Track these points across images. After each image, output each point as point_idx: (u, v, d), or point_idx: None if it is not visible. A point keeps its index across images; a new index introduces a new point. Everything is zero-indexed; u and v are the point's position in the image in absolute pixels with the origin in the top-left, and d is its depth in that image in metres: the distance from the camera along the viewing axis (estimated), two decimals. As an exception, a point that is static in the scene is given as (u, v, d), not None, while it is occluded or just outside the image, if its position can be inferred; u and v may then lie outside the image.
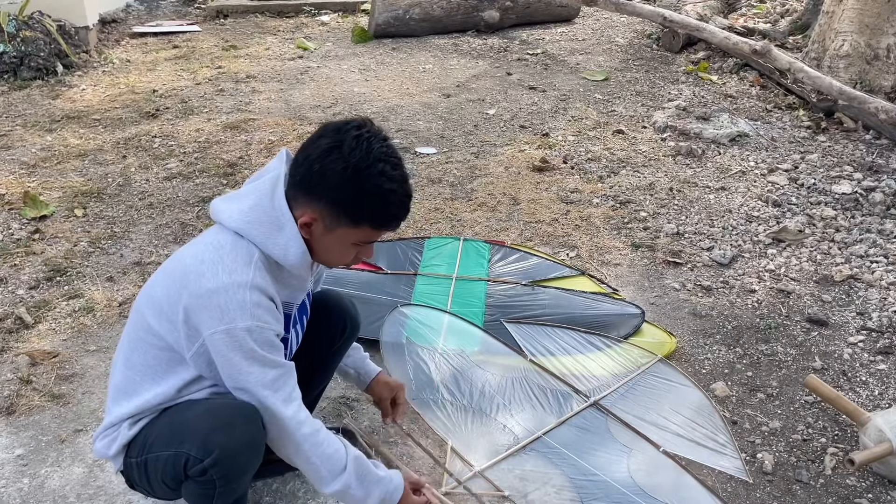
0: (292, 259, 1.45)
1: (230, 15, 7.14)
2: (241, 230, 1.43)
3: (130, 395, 1.53)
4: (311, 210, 1.44)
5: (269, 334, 1.41)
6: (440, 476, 1.96)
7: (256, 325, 1.38)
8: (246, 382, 1.42)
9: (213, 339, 1.38)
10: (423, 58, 5.85)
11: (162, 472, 1.48)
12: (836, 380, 2.41)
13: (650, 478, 1.97)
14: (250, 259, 1.41)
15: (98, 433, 1.60)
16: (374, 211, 1.44)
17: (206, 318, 1.38)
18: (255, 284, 1.39)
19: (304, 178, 1.43)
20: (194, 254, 1.45)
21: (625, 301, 2.74)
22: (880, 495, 1.97)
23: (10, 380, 2.33)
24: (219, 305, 1.37)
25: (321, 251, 1.51)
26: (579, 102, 4.89)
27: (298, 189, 1.44)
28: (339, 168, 1.39)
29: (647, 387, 2.32)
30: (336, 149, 1.39)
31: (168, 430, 1.48)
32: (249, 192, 1.48)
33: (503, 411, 2.19)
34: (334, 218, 1.44)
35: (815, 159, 3.97)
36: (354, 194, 1.40)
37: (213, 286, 1.37)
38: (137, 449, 1.53)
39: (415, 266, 2.90)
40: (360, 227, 1.45)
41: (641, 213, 3.46)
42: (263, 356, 1.40)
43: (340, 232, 1.46)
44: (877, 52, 4.69)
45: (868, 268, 3.00)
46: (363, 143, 1.40)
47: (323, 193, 1.41)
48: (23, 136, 4.23)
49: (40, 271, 2.92)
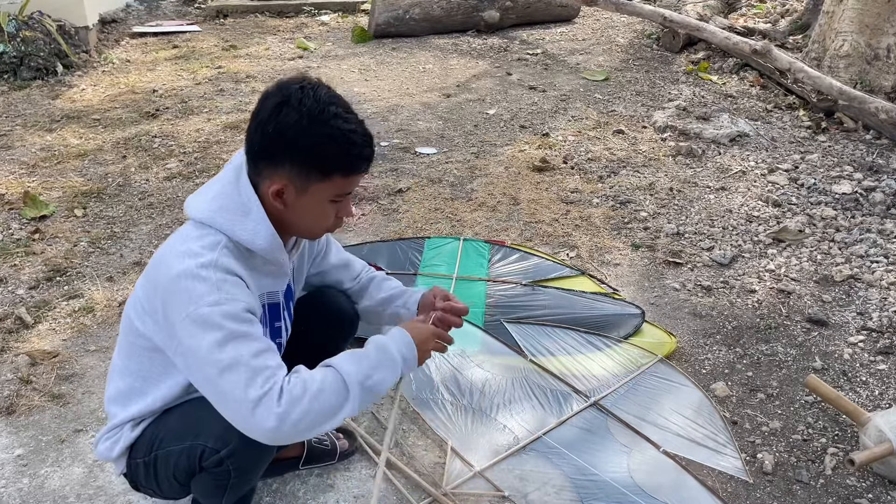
0: (261, 242, 1.42)
1: (230, 15, 7.14)
2: (206, 220, 1.41)
3: (133, 399, 1.53)
4: (277, 176, 1.39)
5: (238, 307, 1.34)
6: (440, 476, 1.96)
7: (224, 298, 1.33)
8: (219, 368, 1.29)
9: (185, 324, 1.32)
10: (423, 58, 5.84)
11: (174, 466, 1.48)
12: (837, 380, 2.41)
13: (650, 478, 1.97)
14: (216, 245, 1.38)
15: (100, 436, 1.59)
16: (341, 155, 1.39)
17: (176, 304, 1.34)
18: (220, 265, 1.35)
19: (262, 144, 1.39)
20: (164, 247, 1.45)
21: (625, 301, 2.74)
22: (880, 495, 1.97)
23: (10, 380, 2.33)
24: (184, 289, 1.33)
25: (299, 219, 1.46)
26: (579, 102, 4.89)
27: (260, 159, 1.40)
28: (293, 121, 1.35)
29: (647, 387, 2.32)
30: (284, 104, 1.36)
31: (180, 426, 1.48)
32: (214, 182, 1.47)
33: (503, 411, 2.19)
34: (303, 177, 1.39)
35: (815, 159, 3.97)
36: (316, 143, 1.36)
37: (178, 271, 1.34)
38: (144, 448, 1.52)
39: (415, 266, 2.90)
40: (332, 179, 1.41)
41: (641, 213, 3.46)
42: (234, 329, 1.32)
43: (313, 190, 1.41)
44: (877, 52, 4.69)
45: (868, 268, 3.00)
46: (309, 91, 1.37)
47: (285, 153, 1.37)
48: (23, 136, 4.23)
49: (40, 271, 2.92)
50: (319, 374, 1.38)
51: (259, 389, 1.29)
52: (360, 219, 3.38)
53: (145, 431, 1.53)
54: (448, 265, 2.90)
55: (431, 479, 1.95)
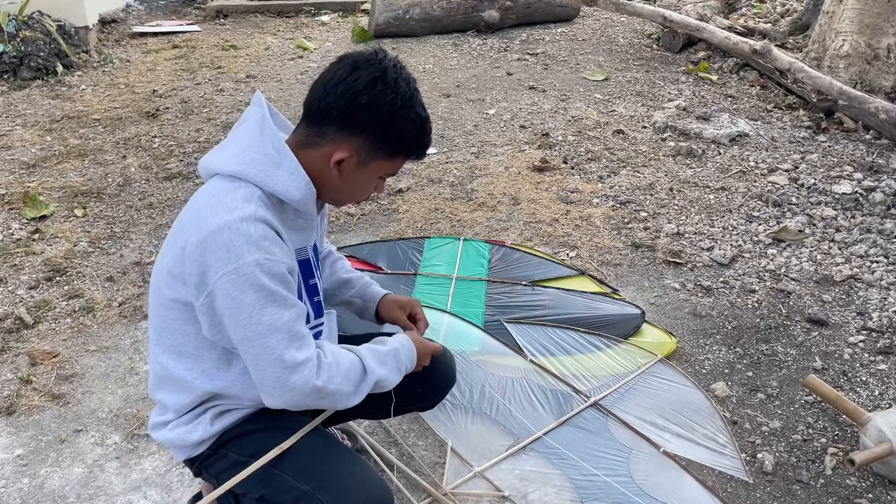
0: (295, 193, 1.36)
1: (230, 15, 7.14)
2: (237, 172, 1.35)
3: (184, 384, 1.45)
4: (346, 144, 1.37)
5: (280, 267, 1.31)
6: (440, 476, 1.96)
7: (265, 258, 1.28)
8: (258, 331, 1.29)
9: (222, 282, 1.27)
10: (423, 58, 5.84)
11: (280, 495, 1.43)
12: (837, 380, 2.41)
13: (650, 478, 1.97)
14: (251, 196, 1.33)
15: (166, 421, 1.50)
16: (415, 140, 1.42)
17: (213, 261, 1.28)
18: (259, 217, 1.30)
19: (346, 111, 1.35)
20: (192, 207, 1.37)
21: (625, 301, 2.74)
22: (880, 495, 1.97)
23: (10, 380, 2.33)
24: (224, 244, 1.27)
25: (344, 187, 1.43)
26: (579, 102, 4.89)
27: (332, 123, 1.37)
28: (388, 99, 1.35)
29: (647, 387, 2.32)
30: (380, 80, 1.35)
31: (307, 463, 1.42)
32: (238, 136, 1.41)
33: (503, 411, 2.19)
34: (372, 151, 1.39)
35: (815, 159, 3.97)
36: (401, 126, 1.38)
37: (215, 226, 1.28)
38: (246, 449, 1.46)
39: (415, 266, 2.90)
40: (396, 159, 1.43)
41: (641, 213, 3.46)
42: (276, 292, 1.29)
43: (375, 165, 1.41)
44: (877, 52, 4.69)
45: (868, 268, 3.00)
46: (402, 71, 1.39)
47: (367, 126, 1.36)
48: (23, 136, 4.23)
49: (40, 271, 2.92)
50: (347, 361, 1.40)
51: (298, 354, 1.31)
52: (360, 219, 3.38)
53: (256, 434, 1.46)
54: (448, 265, 2.90)
55: (431, 479, 1.95)
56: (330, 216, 3.32)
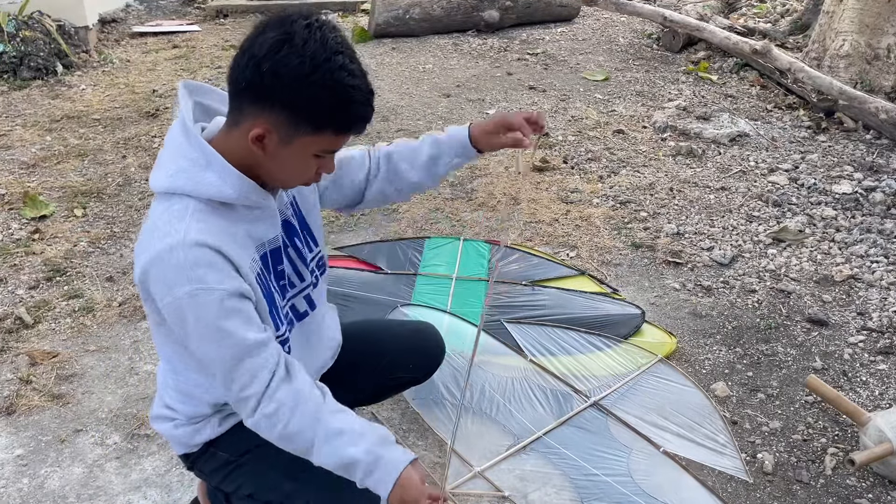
0: (230, 192, 1.26)
1: (230, 15, 7.14)
2: (168, 188, 1.27)
3: (193, 397, 1.45)
4: (262, 120, 1.22)
5: (213, 296, 1.22)
6: (440, 476, 1.96)
7: (197, 289, 1.21)
8: (202, 359, 1.28)
9: (166, 311, 1.25)
10: (423, 58, 5.84)
11: (268, 492, 1.43)
12: (837, 380, 2.41)
13: (650, 478, 1.97)
14: (185, 213, 1.24)
15: (172, 418, 1.49)
16: (338, 112, 1.23)
17: (155, 293, 1.25)
18: (189, 241, 1.22)
19: (252, 81, 1.20)
20: (141, 231, 1.32)
21: (625, 301, 2.74)
22: (881, 495, 1.97)
23: (10, 380, 2.33)
24: (158, 277, 1.23)
25: (277, 169, 1.29)
26: (579, 102, 4.89)
27: (245, 97, 1.23)
28: (294, 63, 1.17)
29: (647, 387, 2.32)
30: (286, 42, 1.18)
31: (295, 461, 1.37)
32: (167, 143, 1.32)
33: (503, 411, 2.19)
34: (291, 126, 1.23)
35: (815, 159, 3.97)
36: (314, 94, 1.20)
37: (149, 258, 1.24)
38: (236, 449, 1.46)
39: (415, 266, 2.90)
40: (322, 134, 1.25)
41: (641, 213, 3.46)
42: (213, 326, 1.23)
43: (299, 143, 1.25)
44: (877, 52, 4.69)
45: (868, 268, 3.00)
46: (316, 32, 1.19)
47: (277, 97, 1.20)
48: (23, 136, 4.23)
49: (40, 271, 2.92)
50: (307, 421, 1.29)
51: (237, 391, 1.28)
52: (360, 219, 3.38)
53: (241, 432, 1.42)
54: (448, 265, 2.90)
55: (431, 479, 1.95)
56: (330, 216, 3.32)
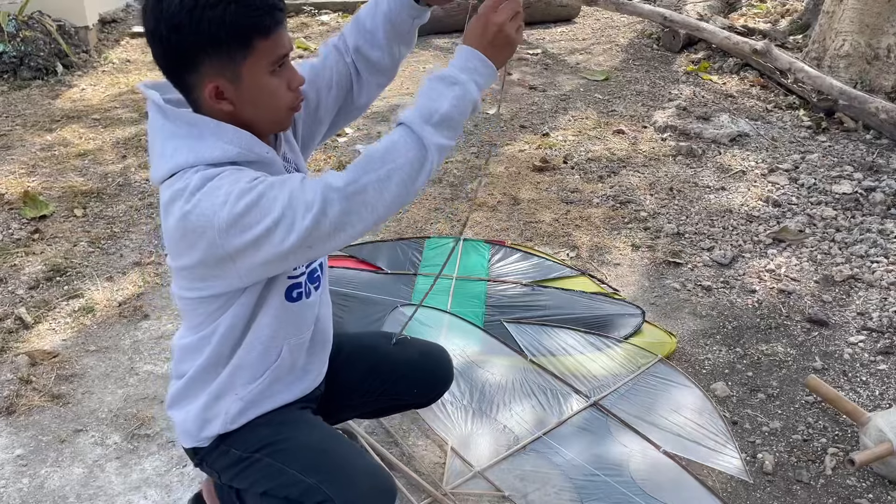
0: (232, 147, 1.24)
1: (230, 15, 7.13)
2: (171, 169, 1.24)
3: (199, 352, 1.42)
4: (207, 78, 1.21)
5: (242, 185, 1.18)
6: (440, 476, 1.96)
7: (230, 191, 1.17)
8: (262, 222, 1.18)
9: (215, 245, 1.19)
10: (423, 58, 5.84)
11: (285, 489, 1.41)
12: (837, 380, 2.41)
13: (650, 478, 1.97)
14: (191, 177, 1.22)
15: (188, 398, 1.46)
16: (244, 14, 1.18)
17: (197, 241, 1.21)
18: (207, 176, 1.20)
19: (167, 53, 1.21)
20: None
21: (625, 301, 2.74)
22: (881, 495, 1.97)
23: (10, 380, 2.33)
24: (194, 225, 1.20)
25: (253, 110, 1.27)
26: (579, 102, 4.89)
27: (178, 71, 1.23)
28: (175, 9, 1.16)
29: (647, 387, 2.32)
30: (154, 1, 1.19)
31: (311, 457, 1.39)
32: (152, 136, 1.30)
33: (503, 411, 2.19)
34: (227, 61, 1.20)
35: (815, 159, 3.97)
36: (214, 16, 1.16)
37: (177, 216, 1.21)
38: (249, 445, 1.44)
39: (415, 266, 2.90)
40: (254, 46, 1.21)
41: (641, 213, 3.46)
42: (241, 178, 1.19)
43: (247, 71, 1.22)
44: (877, 51, 4.69)
45: (868, 268, 3.00)
46: None
47: (193, 47, 1.19)
48: (23, 136, 4.23)
49: (40, 271, 2.92)
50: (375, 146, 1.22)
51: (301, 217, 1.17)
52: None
53: (256, 429, 1.43)
54: (448, 265, 2.90)
55: (431, 479, 1.95)
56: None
